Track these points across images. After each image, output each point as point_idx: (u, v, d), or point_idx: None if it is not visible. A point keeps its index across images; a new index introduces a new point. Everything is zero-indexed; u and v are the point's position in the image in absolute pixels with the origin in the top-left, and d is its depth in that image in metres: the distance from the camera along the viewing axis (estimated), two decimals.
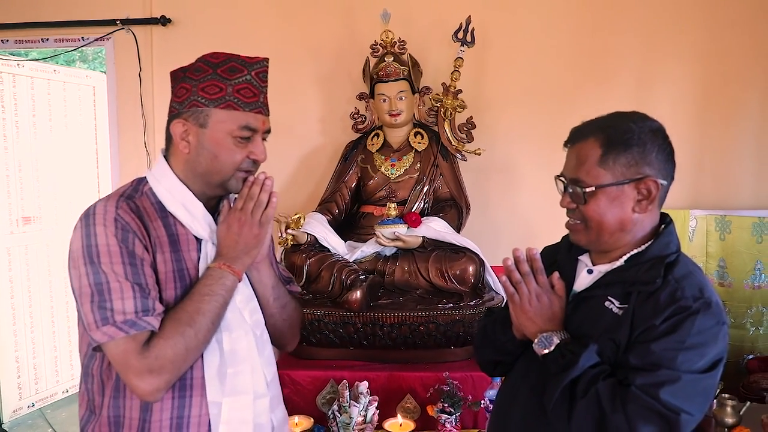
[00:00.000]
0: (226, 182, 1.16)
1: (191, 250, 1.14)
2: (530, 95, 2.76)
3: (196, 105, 1.12)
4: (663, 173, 1.07)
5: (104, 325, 1.01)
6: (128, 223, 1.07)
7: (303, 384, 2.12)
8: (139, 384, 1.01)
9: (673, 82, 2.73)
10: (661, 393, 0.95)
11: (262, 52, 3.16)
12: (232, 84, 1.13)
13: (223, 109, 1.12)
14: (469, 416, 2.06)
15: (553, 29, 2.75)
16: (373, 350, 2.18)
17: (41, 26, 2.93)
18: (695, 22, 2.69)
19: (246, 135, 1.14)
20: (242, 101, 1.14)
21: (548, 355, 1.06)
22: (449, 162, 2.54)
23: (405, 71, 2.47)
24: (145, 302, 1.03)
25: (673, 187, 1.16)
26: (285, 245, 2.30)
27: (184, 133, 1.14)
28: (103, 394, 1.09)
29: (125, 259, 1.04)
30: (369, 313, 2.10)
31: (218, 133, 1.13)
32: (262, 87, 1.18)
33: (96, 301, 1.02)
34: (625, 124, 1.07)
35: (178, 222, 1.14)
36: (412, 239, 2.27)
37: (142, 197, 1.14)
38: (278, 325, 1.26)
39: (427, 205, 2.50)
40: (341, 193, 2.56)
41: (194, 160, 1.15)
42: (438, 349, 2.16)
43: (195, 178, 1.16)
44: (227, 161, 1.14)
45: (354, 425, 1.86)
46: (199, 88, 1.12)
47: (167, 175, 1.16)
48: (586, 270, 1.15)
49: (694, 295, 1.01)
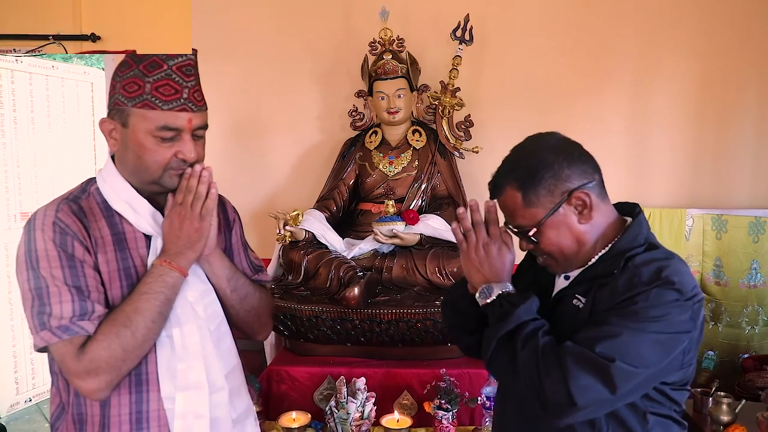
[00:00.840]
0: (158, 180, 1.13)
1: (140, 248, 1.14)
2: (528, 93, 2.78)
3: (118, 104, 1.11)
4: (583, 177, 1.07)
5: (41, 330, 1.03)
6: (68, 225, 1.07)
7: (300, 380, 2.14)
8: (81, 384, 1.03)
9: (670, 80, 2.76)
10: (597, 346, 0.95)
11: (261, 51, 3.15)
12: (151, 81, 1.09)
13: (141, 109, 1.09)
14: (465, 413, 2.09)
15: (550, 28, 2.77)
16: (370, 347, 2.20)
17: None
18: (693, 20, 2.72)
19: (167, 136, 1.10)
20: (160, 99, 1.09)
21: (487, 305, 1.08)
22: (447, 160, 2.56)
23: (403, 69, 2.48)
24: (84, 305, 1.04)
25: (670, 186, 1.17)
26: (283, 242, 2.32)
27: (112, 132, 1.13)
28: (68, 392, 1.11)
29: (63, 263, 1.05)
30: (366, 310, 2.12)
31: (138, 133, 1.09)
32: (186, 82, 1.12)
33: (35, 306, 1.04)
34: (526, 159, 1.09)
35: (125, 220, 1.14)
36: (409, 236, 2.29)
37: (89, 198, 1.14)
38: (241, 315, 1.24)
39: (424, 202, 2.51)
40: (339, 190, 2.58)
41: (122, 159, 1.14)
42: (435, 346, 2.18)
43: (129, 175, 1.15)
44: (151, 162, 1.11)
45: (351, 421, 1.88)
46: (121, 86, 1.10)
47: (112, 174, 1.15)
48: (564, 276, 1.17)
49: (650, 278, 1.00)
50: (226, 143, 2.87)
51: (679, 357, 1.01)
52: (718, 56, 2.72)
